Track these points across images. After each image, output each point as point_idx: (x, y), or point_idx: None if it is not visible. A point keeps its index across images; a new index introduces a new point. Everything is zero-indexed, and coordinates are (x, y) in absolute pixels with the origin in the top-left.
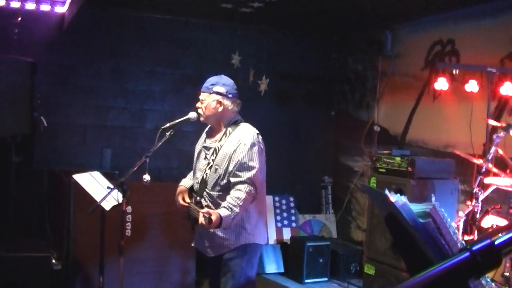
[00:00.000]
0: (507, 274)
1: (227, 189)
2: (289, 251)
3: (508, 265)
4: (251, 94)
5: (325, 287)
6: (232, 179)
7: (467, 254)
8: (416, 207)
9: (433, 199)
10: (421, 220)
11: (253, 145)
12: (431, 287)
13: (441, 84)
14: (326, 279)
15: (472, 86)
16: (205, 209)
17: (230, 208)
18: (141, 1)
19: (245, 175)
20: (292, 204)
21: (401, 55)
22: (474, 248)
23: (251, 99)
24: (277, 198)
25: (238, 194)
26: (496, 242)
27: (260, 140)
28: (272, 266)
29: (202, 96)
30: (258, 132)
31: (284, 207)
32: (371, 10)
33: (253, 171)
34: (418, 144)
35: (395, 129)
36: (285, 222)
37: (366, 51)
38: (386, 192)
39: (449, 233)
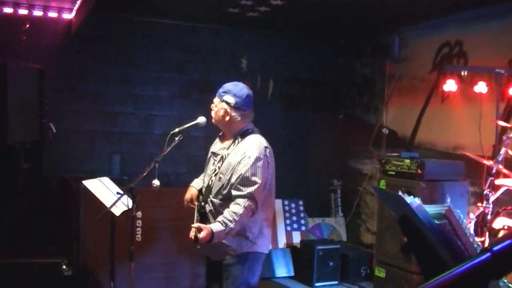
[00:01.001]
0: None
1: (228, 199)
2: (299, 254)
3: None
4: (258, 99)
5: None
6: (233, 192)
7: (488, 255)
8: (431, 209)
9: (448, 200)
10: (436, 222)
11: (258, 159)
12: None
13: (450, 86)
14: (336, 282)
15: (480, 87)
16: (196, 224)
17: (225, 223)
18: (148, 7)
19: (246, 190)
20: (301, 208)
21: (409, 58)
22: (495, 248)
23: (259, 103)
24: (286, 202)
25: (236, 208)
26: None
27: (268, 154)
28: (282, 270)
29: (214, 101)
30: (266, 144)
31: (293, 211)
32: (378, 14)
33: (255, 186)
34: (427, 146)
35: (404, 131)
36: (295, 225)
37: (374, 55)
38: (401, 193)
39: (465, 235)
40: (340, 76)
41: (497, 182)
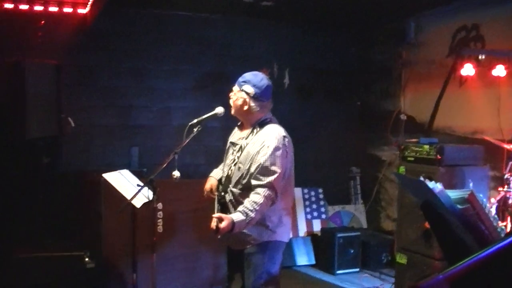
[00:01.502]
0: None
1: (248, 188)
2: (319, 243)
3: None
4: (274, 88)
5: (357, 278)
6: (253, 182)
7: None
8: (453, 194)
9: (471, 184)
10: (459, 206)
11: (277, 148)
12: (480, 271)
13: (467, 70)
14: (357, 270)
15: (498, 71)
16: (217, 214)
17: (246, 213)
18: (161, 0)
19: (266, 179)
20: (321, 196)
21: (425, 43)
22: None
23: (275, 93)
24: (306, 191)
25: (256, 198)
26: None
27: (286, 143)
28: (303, 258)
29: (234, 89)
30: (285, 134)
31: (313, 199)
32: (393, 0)
33: (275, 176)
34: (445, 132)
35: (422, 117)
36: (315, 214)
37: (389, 41)
38: (422, 179)
39: (488, 219)
40: (356, 64)
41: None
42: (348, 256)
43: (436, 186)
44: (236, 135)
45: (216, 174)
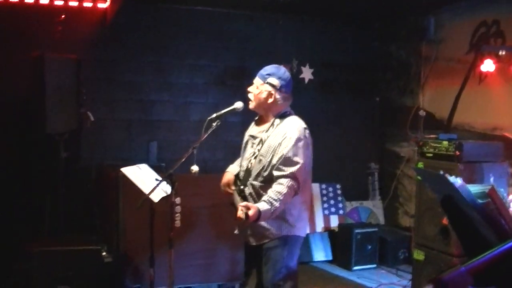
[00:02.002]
0: None
1: (269, 181)
2: (337, 238)
3: None
4: (294, 84)
5: (374, 274)
6: (275, 173)
7: None
8: (474, 188)
9: (492, 179)
10: (480, 201)
11: (299, 139)
12: (502, 264)
13: (487, 66)
14: (374, 266)
15: None
16: (244, 203)
17: (270, 202)
18: None
19: (289, 170)
20: (339, 192)
21: (445, 39)
22: None
23: (295, 88)
24: (323, 186)
25: (279, 188)
26: None
27: (307, 135)
28: (321, 254)
29: (256, 82)
30: (305, 126)
31: (331, 194)
32: None
33: (297, 166)
34: (465, 128)
35: (441, 113)
36: (332, 209)
37: (409, 37)
38: (446, 174)
39: (508, 214)
40: (376, 60)
41: None
42: (366, 252)
43: (456, 180)
44: (254, 129)
45: (233, 169)
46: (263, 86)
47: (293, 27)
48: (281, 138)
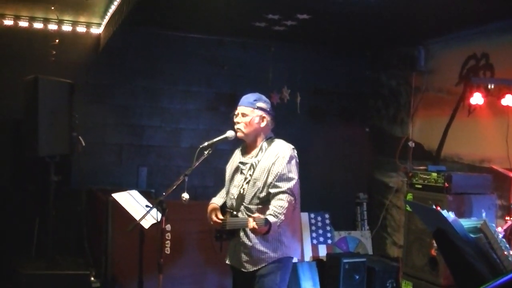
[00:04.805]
0: None
1: (266, 202)
2: (325, 268)
3: None
4: (285, 111)
5: None
6: (273, 190)
7: None
8: (466, 223)
9: (484, 214)
10: (472, 235)
11: (291, 158)
12: None
13: (476, 99)
14: None
15: (508, 100)
16: (256, 214)
17: (276, 215)
18: (175, 21)
19: (285, 186)
20: (327, 221)
21: (435, 70)
22: None
23: (286, 116)
24: (312, 215)
25: (280, 203)
26: None
27: (296, 155)
28: (308, 283)
29: (245, 111)
30: (293, 146)
31: (319, 224)
32: (404, 26)
33: (293, 182)
34: (453, 159)
35: (430, 144)
36: (321, 239)
37: (400, 67)
38: (435, 207)
39: (500, 248)
40: (366, 88)
41: None
42: (354, 282)
43: (449, 215)
44: (240, 158)
45: (217, 201)
46: (253, 112)
47: (285, 55)
48: (274, 158)
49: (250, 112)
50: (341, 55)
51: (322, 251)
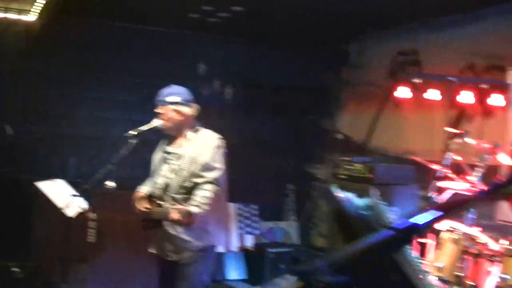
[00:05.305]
0: (460, 274)
1: (191, 191)
2: (251, 258)
3: (459, 265)
4: (216, 103)
5: None
6: (198, 180)
7: (389, 231)
8: (359, 201)
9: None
10: (364, 213)
11: (217, 148)
12: (361, 256)
13: (403, 93)
14: None
15: (433, 95)
16: (180, 206)
17: (200, 206)
18: (106, 11)
19: (211, 176)
20: (255, 212)
21: (366, 65)
22: (394, 226)
23: (216, 108)
24: (240, 206)
25: (205, 193)
26: (412, 221)
27: (223, 145)
28: (235, 272)
29: (159, 110)
30: (221, 136)
31: (247, 214)
32: (337, 21)
33: (218, 172)
34: (380, 151)
35: (358, 137)
36: (248, 229)
37: (331, 61)
38: (332, 188)
39: (384, 222)
40: (298, 82)
41: (439, 184)
42: (279, 272)
43: (344, 194)
44: (166, 147)
45: (144, 190)
46: (167, 109)
47: (219, 47)
48: (199, 148)
49: (164, 110)
50: (273, 48)
51: (250, 242)
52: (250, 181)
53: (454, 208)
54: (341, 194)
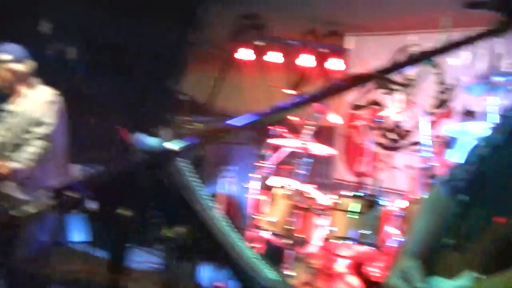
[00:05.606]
0: (290, 227)
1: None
2: (97, 220)
3: (290, 219)
4: (58, 64)
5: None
6: (27, 136)
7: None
8: (150, 140)
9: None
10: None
11: (50, 103)
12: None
13: (246, 55)
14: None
15: (274, 57)
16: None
17: (21, 161)
18: None
19: (40, 131)
20: None
21: (210, 26)
22: (149, 150)
23: (58, 68)
24: (84, 168)
25: (31, 149)
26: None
27: (59, 101)
28: (79, 235)
29: None
30: (58, 92)
31: None
32: None
33: (48, 128)
34: (222, 112)
35: (201, 98)
36: None
37: (176, 22)
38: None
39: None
40: (142, 42)
41: (269, 141)
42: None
43: (139, 136)
44: (1, 105)
45: None
46: None
47: (64, 4)
48: (32, 104)
49: None
50: (120, 10)
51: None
52: (96, 143)
53: (209, 136)
54: (136, 135)
